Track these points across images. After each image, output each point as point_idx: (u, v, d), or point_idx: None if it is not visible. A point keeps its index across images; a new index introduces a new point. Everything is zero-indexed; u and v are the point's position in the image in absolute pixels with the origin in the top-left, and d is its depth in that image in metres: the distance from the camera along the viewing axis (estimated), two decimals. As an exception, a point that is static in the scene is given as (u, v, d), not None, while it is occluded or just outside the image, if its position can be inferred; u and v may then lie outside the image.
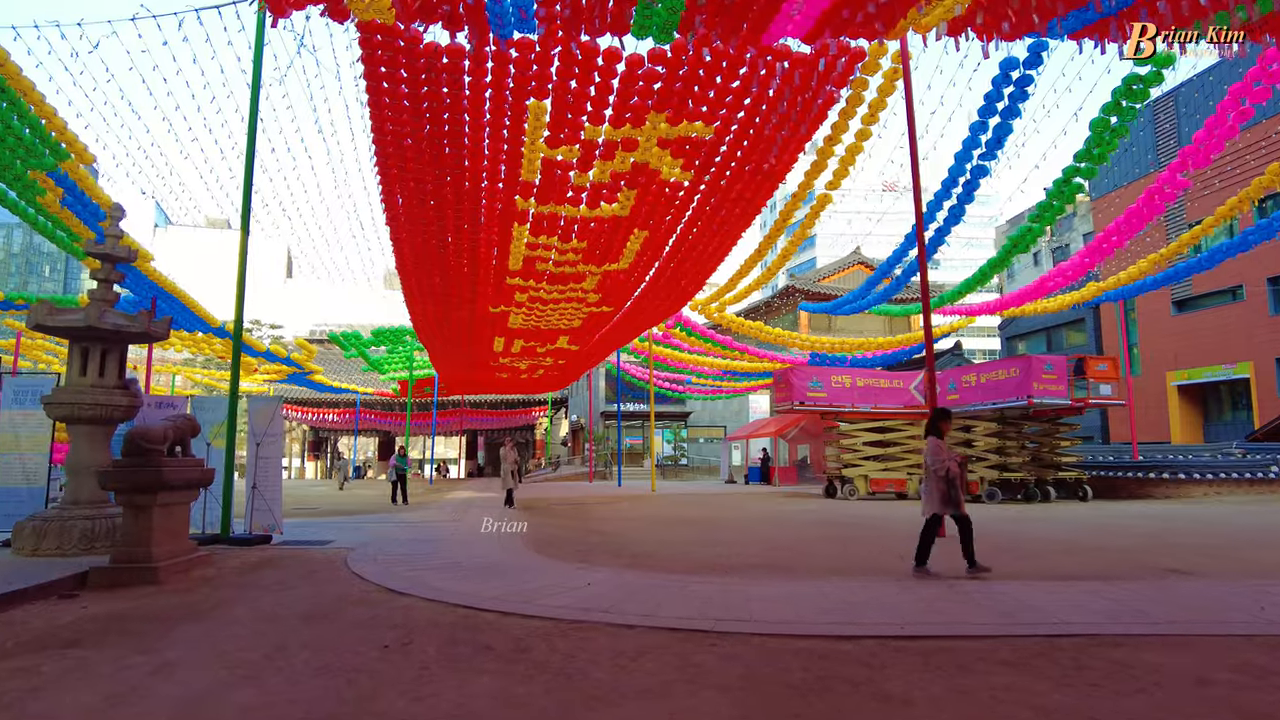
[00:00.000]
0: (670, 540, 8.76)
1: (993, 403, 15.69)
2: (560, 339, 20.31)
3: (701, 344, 20.04)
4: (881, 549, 7.83)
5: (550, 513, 13.83)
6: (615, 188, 10.86)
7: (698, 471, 37.72)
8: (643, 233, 12.49)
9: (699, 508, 14.91)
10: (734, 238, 13.43)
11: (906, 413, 17.63)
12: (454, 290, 14.95)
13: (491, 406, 45.20)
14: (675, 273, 14.61)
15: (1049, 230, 13.97)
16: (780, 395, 17.16)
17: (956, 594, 5.21)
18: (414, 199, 11.06)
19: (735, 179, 11.04)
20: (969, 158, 10.67)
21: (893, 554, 7.51)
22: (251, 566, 6.28)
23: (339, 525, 10.80)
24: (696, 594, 5.08)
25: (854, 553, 7.46)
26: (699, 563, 6.72)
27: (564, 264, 13.46)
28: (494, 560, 6.81)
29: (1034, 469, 16.01)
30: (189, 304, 16.83)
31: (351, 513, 13.96)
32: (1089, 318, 37.94)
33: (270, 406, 8.00)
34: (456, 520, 11.89)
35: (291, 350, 24.21)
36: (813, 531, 9.66)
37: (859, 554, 7.35)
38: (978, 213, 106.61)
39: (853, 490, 16.90)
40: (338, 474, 23.34)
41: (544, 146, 9.85)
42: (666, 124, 9.62)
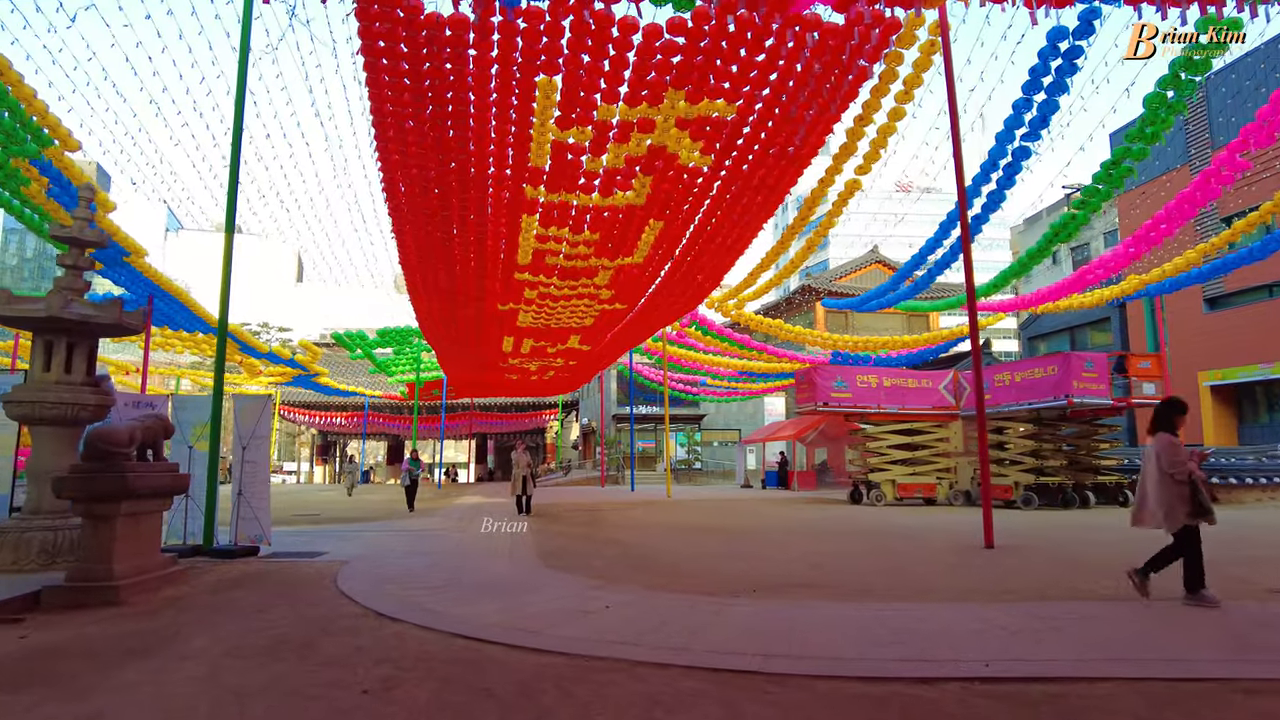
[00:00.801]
0: (694, 553, 8.04)
1: (1029, 403, 14.86)
2: (571, 338, 19.65)
3: (718, 343, 19.31)
4: (931, 563, 7.08)
5: (562, 520, 13.14)
6: (630, 174, 10.19)
7: (712, 476, 36.93)
8: (658, 223, 11.81)
9: (719, 515, 14.17)
10: (755, 229, 12.73)
11: (936, 414, 16.81)
12: (460, 286, 14.32)
13: (501, 409, 44.62)
14: (692, 267, 13.91)
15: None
16: (803, 396, 16.40)
17: (1043, 620, 4.46)
18: (417, 188, 10.43)
19: (758, 163, 10.35)
20: (1010, 138, 9.91)
21: (943, 568, 6.76)
22: (229, 584, 5.63)
23: (337, 534, 10.17)
24: (735, 621, 4.37)
25: (901, 568, 6.71)
26: (730, 580, 6.00)
27: (575, 257, 12.79)
28: (500, 577, 6.12)
29: (1072, 473, 15.15)
30: (189, 304, 16.30)
31: (353, 520, 13.34)
32: (1114, 317, 36.91)
33: (257, 406, 7.37)
34: (462, 529, 11.22)
35: (296, 352, 23.70)
36: (849, 543, 8.91)
37: (907, 570, 6.61)
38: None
39: (880, 496, 16.10)
40: (347, 478, 22.69)
41: (554, 128, 9.19)
42: (686, 102, 8.93)
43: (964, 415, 16.89)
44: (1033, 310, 17.06)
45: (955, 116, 8.98)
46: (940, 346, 20.62)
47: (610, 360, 25.92)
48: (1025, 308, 16.13)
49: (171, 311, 16.62)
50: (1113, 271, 12.86)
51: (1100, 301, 14.90)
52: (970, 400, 16.74)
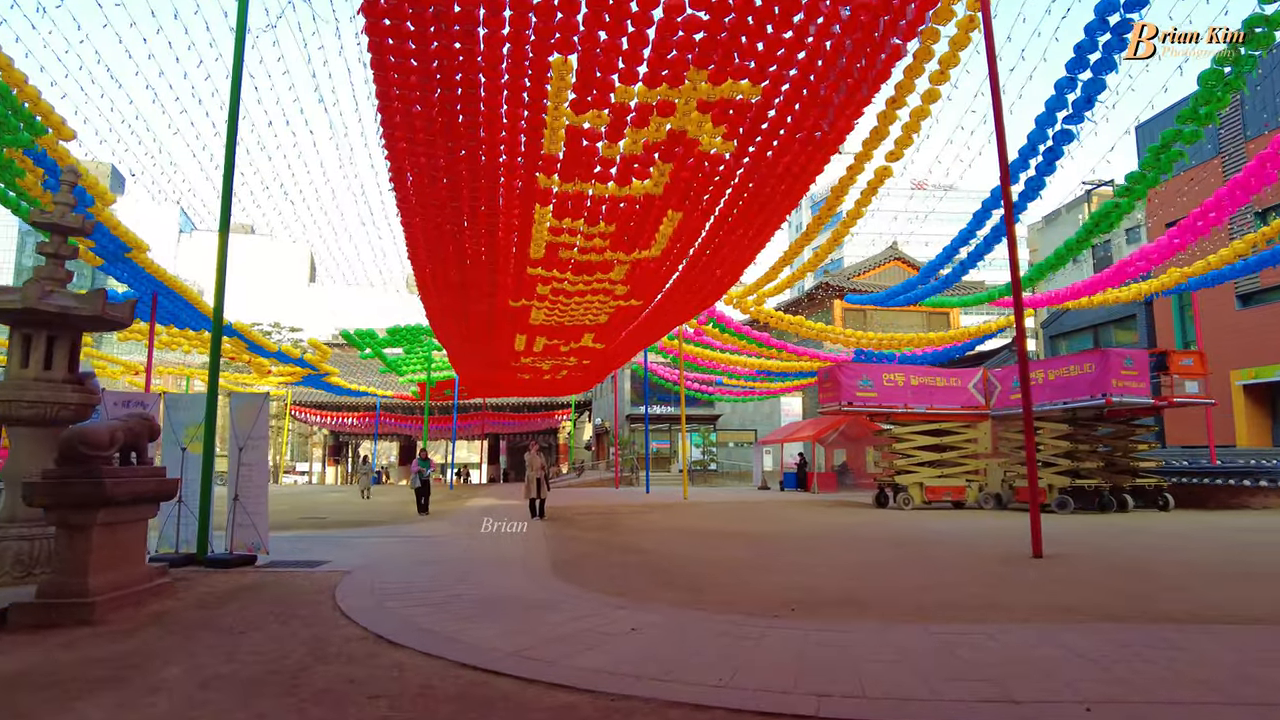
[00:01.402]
0: (720, 561, 7.52)
1: (1064, 402, 14.21)
2: (585, 336, 19.17)
3: (736, 341, 18.76)
4: (980, 575, 6.52)
5: (576, 524, 12.65)
6: (648, 161, 9.68)
7: (728, 477, 36.35)
8: (677, 214, 11.30)
9: (740, 519, 13.63)
10: (778, 220, 12.19)
11: (965, 414, 16.18)
12: (471, 282, 13.88)
13: (514, 410, 44.28)
14: (711, 261, 13.39)
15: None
16: (826, 395, 15.82)
17: (1125, 647, 3.92)
18: (425, 177, 9.98)
19: (783, 150, 9.82)
20: (1051, 121, 9.31)
21: (994, 580, 6.20)
22: (219, 598, 5.18)
23: (342, 540, 9.74)
24: (778, 649, 3.86)
25: (949, 581, 6.16)
26: (764, 595, 5.48)
27: (590, 251, 12.30)
28: (512, 591, 5.63)
29: (1109, 475, 14.48)
30: (194, 301, 15.97)
31: (360, 524, 12.92)
32: (1140, 314, 35.91)
33: (254, 405, 6.93)
34: (472, 534, 10.76)
35: (305, 351, 23.40)
36: (885, 551, 8.35)
37: (957, 583, 6.06)
38: None
39: (907, 499, 15.49)
40: (363, 478, 22.22)
41: (569, 112, 8.71)
42: (708, 83, 8.42)
43: (994, 415, 16.26)
44: (1064, 306, 16.39)
45: (997, 90, 8.41)
46: (966, 344, 19.98)
47: (625, 359, 25.44)
48: (1059, 303, 15.47)
49: (177, 309, 16.30)
50: (1154, 264, 12.20)
51: (1138, 295, 14.22)
52: (1001, 399, 16.12)
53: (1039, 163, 9.96)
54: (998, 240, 11.02)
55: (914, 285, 13.72)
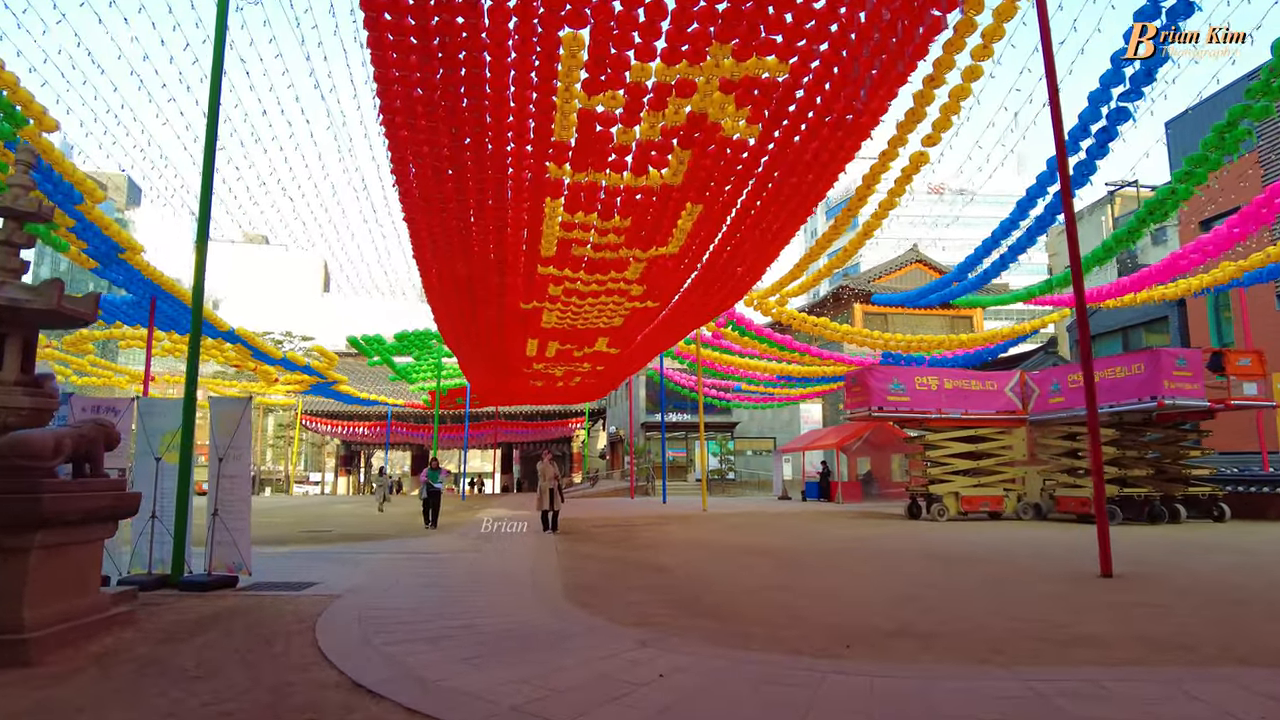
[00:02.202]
0: (751, 584, 6.79)
1: (1109, 405, 13.35)
2: (599, 341, 18.53)
3: (757, 345, 18.03)
4: (1050, 600, 5.75)
5: (591, 538, 11.95)
6: (666, 147, 9.04)
7: (746, 486, 35.49)
8: (696, 207, 10.64)
9: (765, 532, 12.87)
10: (804, 213, 11.51)
11: (1002, 419, 15.33)
12: (480, 282, 13.28)
13: (527, 418, 43.70)
14: (732, 258, 12.70)
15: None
16: (854, 400, 15.05)
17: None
18: (428, 168, 9.39)
19: (811, 134, 9.14)
20: (1105, 98, 8.55)
21: (1070, 608, 5.43)
22: (184, 631, 4.55)
23: (340, 557, 9.11)
24: (842, 701, 3.15)
25: (1018, 608, 5.40)
26: (811, 627, 4.76)
27: (604, 248, 11.65)
28: (520, 621, 4.95)
29: (1158, 483, 13.57)
30: (195, 306, 15.43)
31: (365, 538, 12.31)
32: (1173, 316, 34.71)
33: (236, 410, 6.32)
34: (479, 549, 10.10)
35: (311, 358, 22.94)
36: (934, 571, 7.58)
37: (1027, 611, 5.30)
38: None
39: (942, 510, 14.65)
40: (378, 489, 21.54)
41: (580, 94, 8.10)
42: (731, 59, 7.76)
43: (1033, 420, 15.39)
44: (1105, 304, 15.53)
45: (1050, 53, 7.69)
46: (999, 346, 19.13)
47: (640, 365, 24.76)
48: (1102, 300, 14.60)
49: (176, 314, 15.84)
50: (1210, 256, 11.36)
51: (1188, 291, 13.35)
52: (1040, 403, 15.26)
53: (1090, 144, 9.19)
54: (1041, 230, 10.24)
55: (947, 283, 12.96)
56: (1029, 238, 9.94)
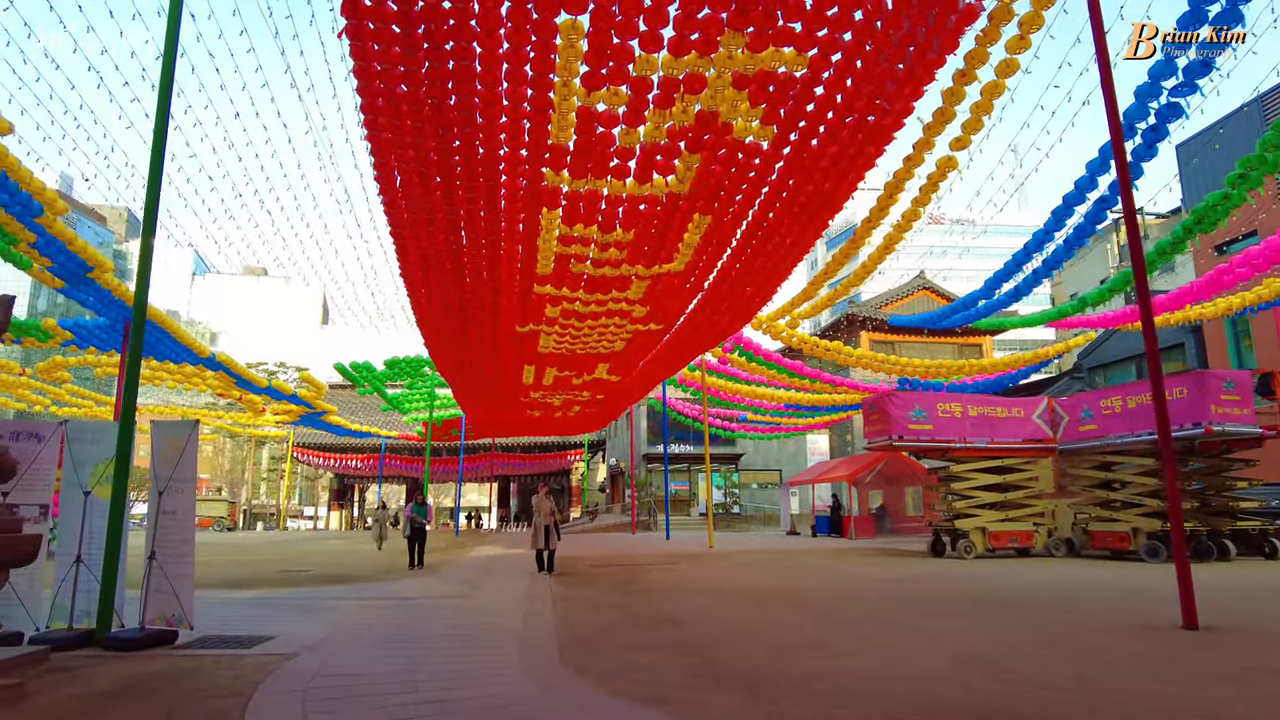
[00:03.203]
0: (779, 639, 5.87)
1: (1148, 432, 12.48)
2: (599, 367, 17.73)
3: (765, 372, 17.21)
4: (1136, 660, 4.84)
5: (591, 581, 10.97)
6: (673, 151, 8.36)
7: (752, 521, 34.33)
8: (704, 218, 9.94)
9: (783, 573, 11.88)
10: (819, 228, 10.81)
11: (1031, 448, 14.42)
12: (472, 303, 12.53)
13: (524, 450, 42.66)
14: (741, 276, 11.97)
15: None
16: (873, 428, 14.17)
17: None
18: (414, 175, 8.70)
19: (830, 137, 8.48)
20: (1155, 92, 7.87)
21: (1163, 670, 4.53)
22: (83, 710, 3.64)
23: (310, 604, 8.17)
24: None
25: (1106, 674, 4.49)
26: (865, 700, 3.86)
27: (604, 264, 10.92)
28: (501, 697, 4.04)
29: (1204, 517, 12.62)
30: (171, 330, 14.69)
31: (343, 580, 11.33)
32: (1188, 342, 33.98)
33: (180, 436, 5.47)
34: (466, 595, 9.15)
35: (298, 387, 22.09)
36: (985, 620, 6.65)
37: (1118, 676, 4.39)
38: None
39: (969, 547, 13.66)
40: (375, 525, 20.02)
41: (580, 90, 7.43)
42: (745, 51, 7.09)
43: (1062, 448, 14.48)
44: (1131, 326, 14.74)
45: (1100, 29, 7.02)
46: (1023, 370, 18.32)
47: (642, 393, 23.91)
48: (1127, 322, 13.78)
49: (153, 340, 15.03)
50: (1259, 270, 10.60)
51: (1228, 310, 12.58)
52: (1070, 431, 14.37)
53: (1136, 146, 8.47)
54: (1086, 235, 9.49)
55: (974, 301, 12.19)
56: (1078, 238, 9.18)
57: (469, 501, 75.38)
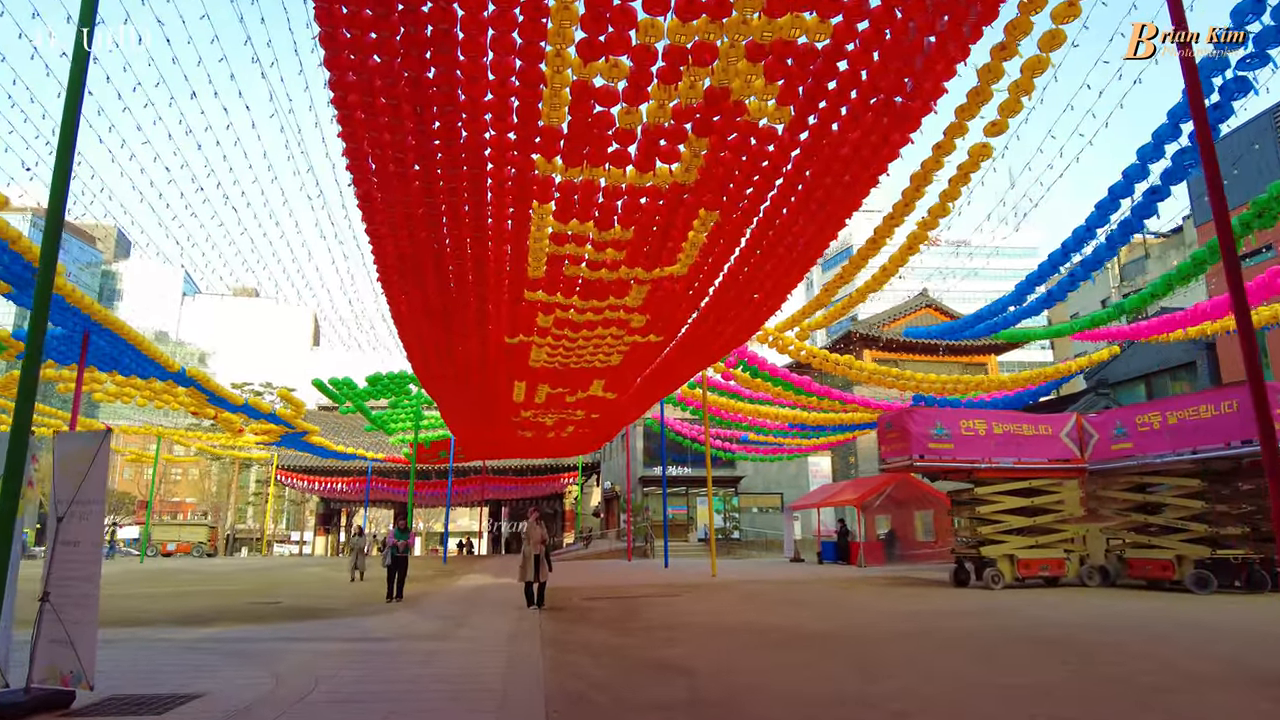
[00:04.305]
0: (811, 693, 4.90)
1: (1191, 450, 11.59)
2: (594, 384, 16.81)
3: (771, 389, 16.31)
4: None
5: (585, 617, 9.94)
6: (679, 134, 7.54)
7: (752, 546, 33.19)
8: (711, 214, 9.11)
9: (799, 607, 10.87)
10: (836, 225, 10.00)
11: (1059, 468, 13.50)
12: (457, 311, 11.65)
13: (516, 473, 41.45)
14: (749, 280, 11.13)
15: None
16: (892, 447, 13.23)
17: None
18: (390, 163, 7.84)
19: (852, 121, 7.70)
20: (1222, 66, 7.10)
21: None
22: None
23: (262, 645, 7.16)
24: None
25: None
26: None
27: (601, 266, 10.06)
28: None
29: (1254, 543, 11.67)
30: (136, 342, 13.71)
31: (310, 613, 10.28)
32: (1201, 360, 33.25)
33: (88, 449, 4.52)
34: (445, 634, 8.12)
35: (276, 405, 21.06)
36: (1057, 668, 5.69)
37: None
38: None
39: (996, 576, 12.66)
40: (355, 553, 18.00)
41: (575, 61, 6.63)
42: (762, 16, 6.32)
43: (1092, 469, 13.56)
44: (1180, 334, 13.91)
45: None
46: (1044, 386, 17.46)
47: (639, 413, 22.96)
48: (1174, 329, 12.96)
49: (117, 352, 14.05)
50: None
51: (1274, 318, 11.76)
52: (1100, 450, 13.46)
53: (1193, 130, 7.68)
54: (1127, 238, 8.67)
55: (1002, 308, 11.34)
56: (1123, 233, 8.35)
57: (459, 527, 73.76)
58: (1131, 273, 55.04)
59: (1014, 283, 10.65)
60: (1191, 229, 40.62)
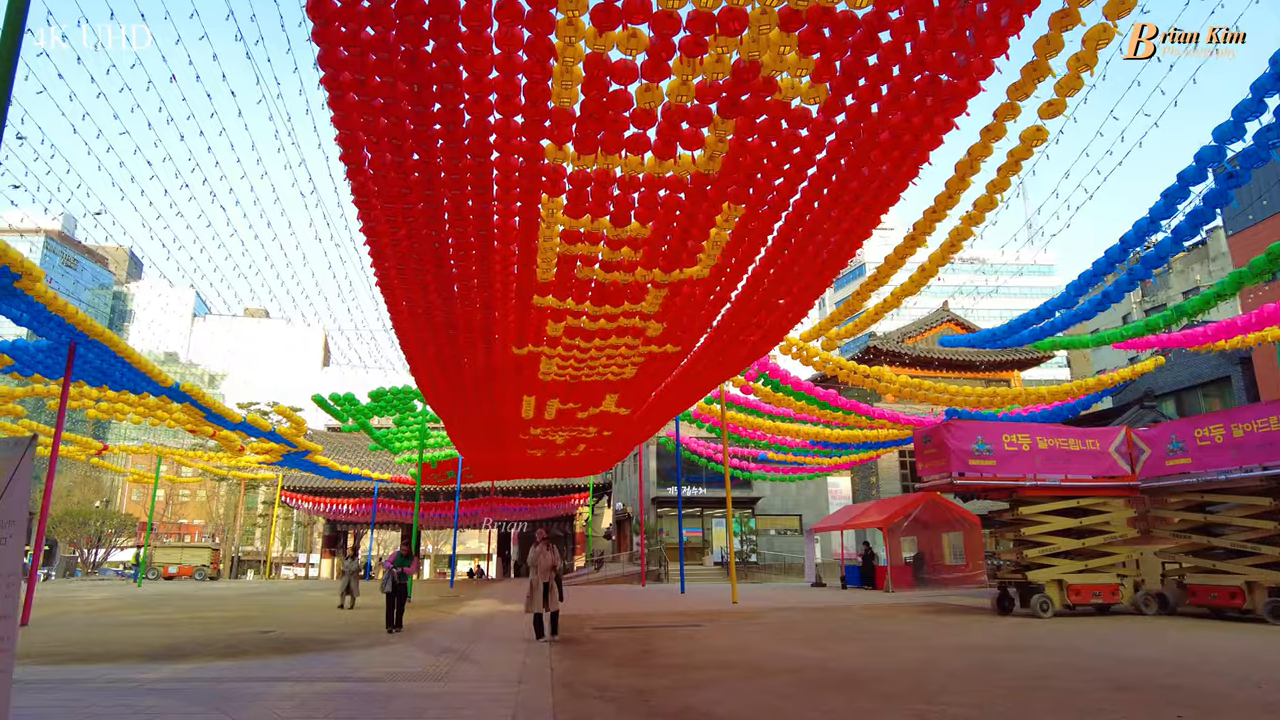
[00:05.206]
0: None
1: (1261, 467, 10.67)
2: (606, 399, 16.06)
3: (794, 404, 15.48)
4: None
5: (599, 653, 9.09)
6: (703, 116, 6.85)
7: (770, 570, 32.09)
8: (737, 209, 8.39)
9: (833, 638, 9.98)
10: (869, 224, 9.24)
11: (1109, 486, 12.57)
12: (462, 319, 10.97)
13: (525, 493, 40.59)
14: (775, 283, 10.39)
15: None
16: (930, 464, 12.37)
17: None
18: (387, 150, 7.21)
19: (893, 101, 7.02)
20: None
21: None
22: None
23: (234, 685, 6.39)
24: None
25: None
26: None
27: (616, 268, 9.35)
28: None
29: (1329, 571, 10.70)
30: (126, 355, 13.09)
31: (298, 647, 9.48)
32: (1235, 375, 32.07)
33: (9, 459, 3.83)
34: (442, 675, 7.30)
35: (276, 422, 20.41)
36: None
37: None
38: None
39: (1046, 603, 11.71)
40: (347, 576, 17.23)
41: (589, 32, 5.96)
42: (799, -27, 5.63)
43: (1144, 487, 12.63)
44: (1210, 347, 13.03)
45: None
46: (1081, 401, 16.53)
47: (653, 430, 22.15)
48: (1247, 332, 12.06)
49: (107, 365, 13.43)
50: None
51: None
52: (1153, 465, 12.53)
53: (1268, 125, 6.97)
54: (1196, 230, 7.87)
55: (1049, 312, 10.50)
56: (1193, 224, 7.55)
57: (468, 549, 72.68)
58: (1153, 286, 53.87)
59: (1033, 300, 9.98)
60: (1220, 240, 39.68)
